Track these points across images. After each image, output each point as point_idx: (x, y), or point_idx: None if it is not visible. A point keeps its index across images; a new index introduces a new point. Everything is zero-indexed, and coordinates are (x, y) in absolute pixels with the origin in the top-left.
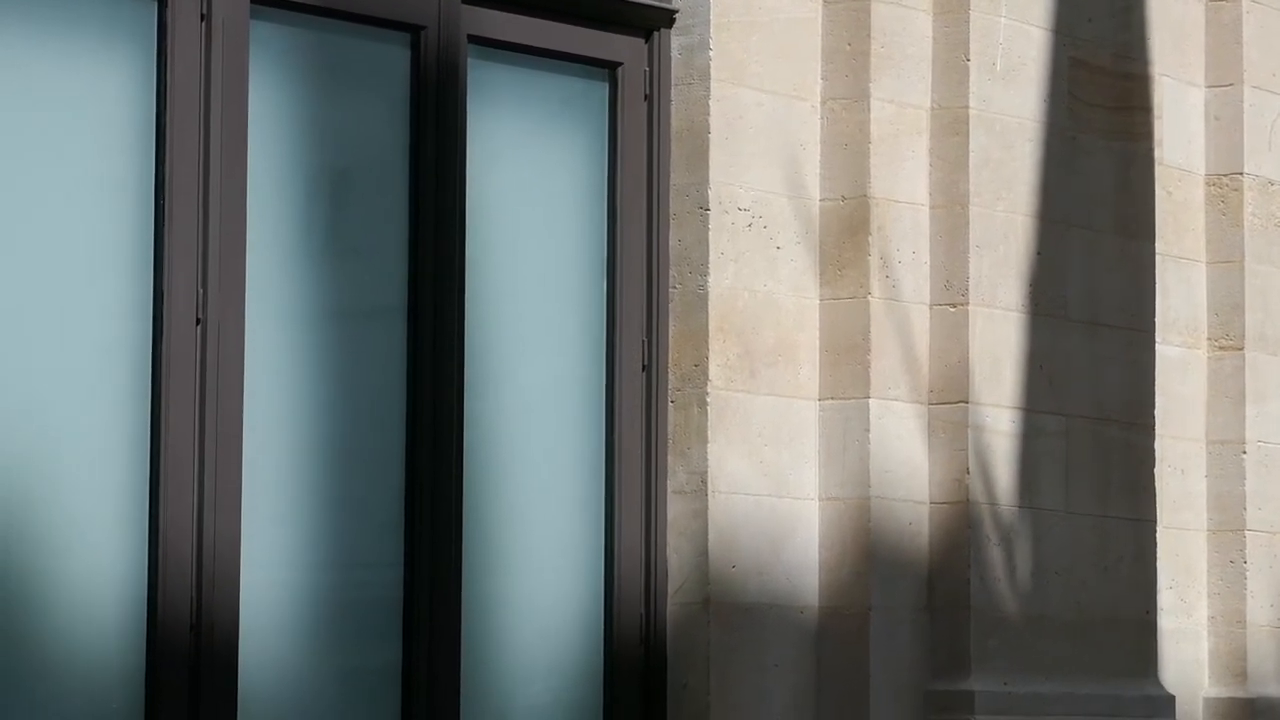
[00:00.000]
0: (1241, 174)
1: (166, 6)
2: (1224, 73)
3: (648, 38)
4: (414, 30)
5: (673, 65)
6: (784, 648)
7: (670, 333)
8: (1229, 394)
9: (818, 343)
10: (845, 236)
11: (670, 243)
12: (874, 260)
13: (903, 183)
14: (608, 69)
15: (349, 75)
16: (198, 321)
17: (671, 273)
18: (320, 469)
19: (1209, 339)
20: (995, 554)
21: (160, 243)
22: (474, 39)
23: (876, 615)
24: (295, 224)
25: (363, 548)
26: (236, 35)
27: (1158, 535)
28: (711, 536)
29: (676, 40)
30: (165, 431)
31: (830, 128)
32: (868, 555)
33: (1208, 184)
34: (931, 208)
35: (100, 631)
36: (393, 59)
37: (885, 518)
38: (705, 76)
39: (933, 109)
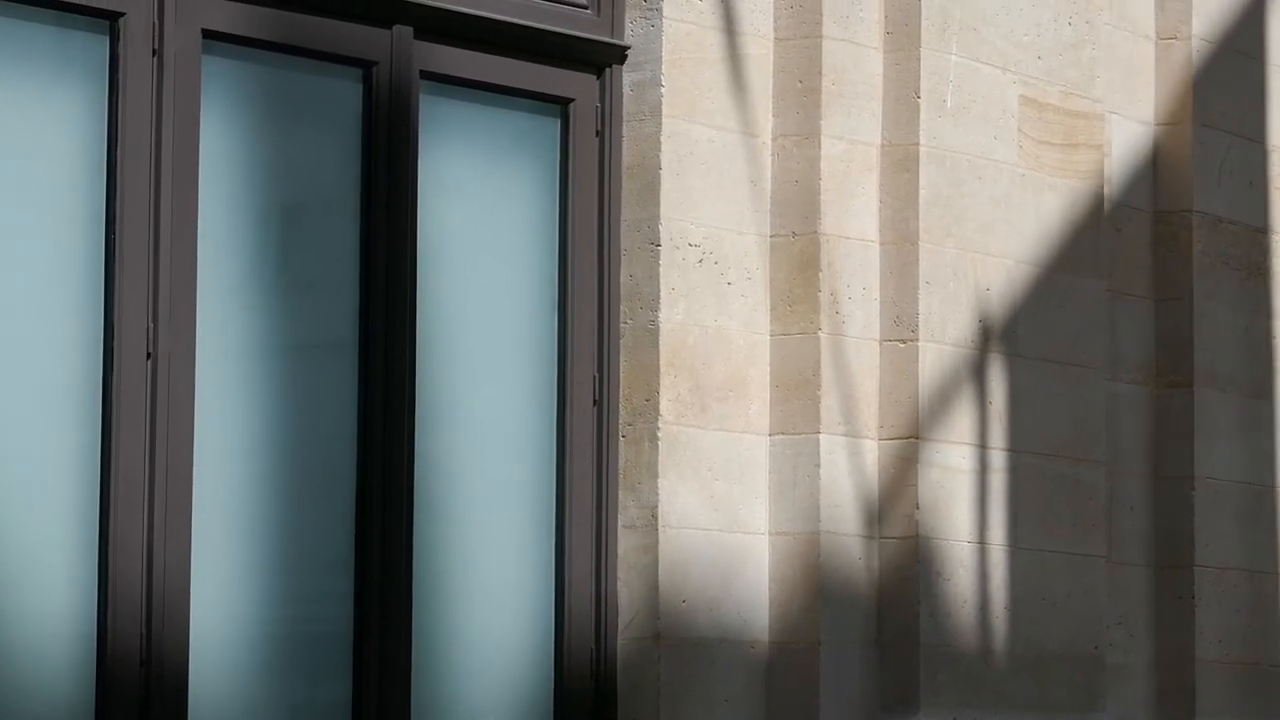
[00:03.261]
0: (1190, 211)
1: (118, 40)
2: (1173, 110)
3: (599, 74)
4: (366, 66)
5: (624, 101)
6: (734, 682)
7: (621, 368)
8: (1177, 431)
9: (768, 378)
10: (796, 272)
11: (621, 278)
12: (824, 296)
13: (853, 219)
14: (559, 105)
15: (301, 110)
16: (148, 355)
17: (622, 308)
18: (271, 503)
19: (1157, 375)
20: (944, 589)
21: (111, 276)
22: (426, 75)
23: (826, 650)
24: (246, 258)
25: (313, 582)
26: (188, 69)
27: (1106, 571)
28: (662, 571)
29: (628, 76)
30: (115, 465)
31: (781, 164)
32: (818, 590)
33: (1156, 221)
34: (881, 244)
35: (50, 666)
36: (345, 94)
37: (835, 553)
38: (657, 112)
39: (883, 146)
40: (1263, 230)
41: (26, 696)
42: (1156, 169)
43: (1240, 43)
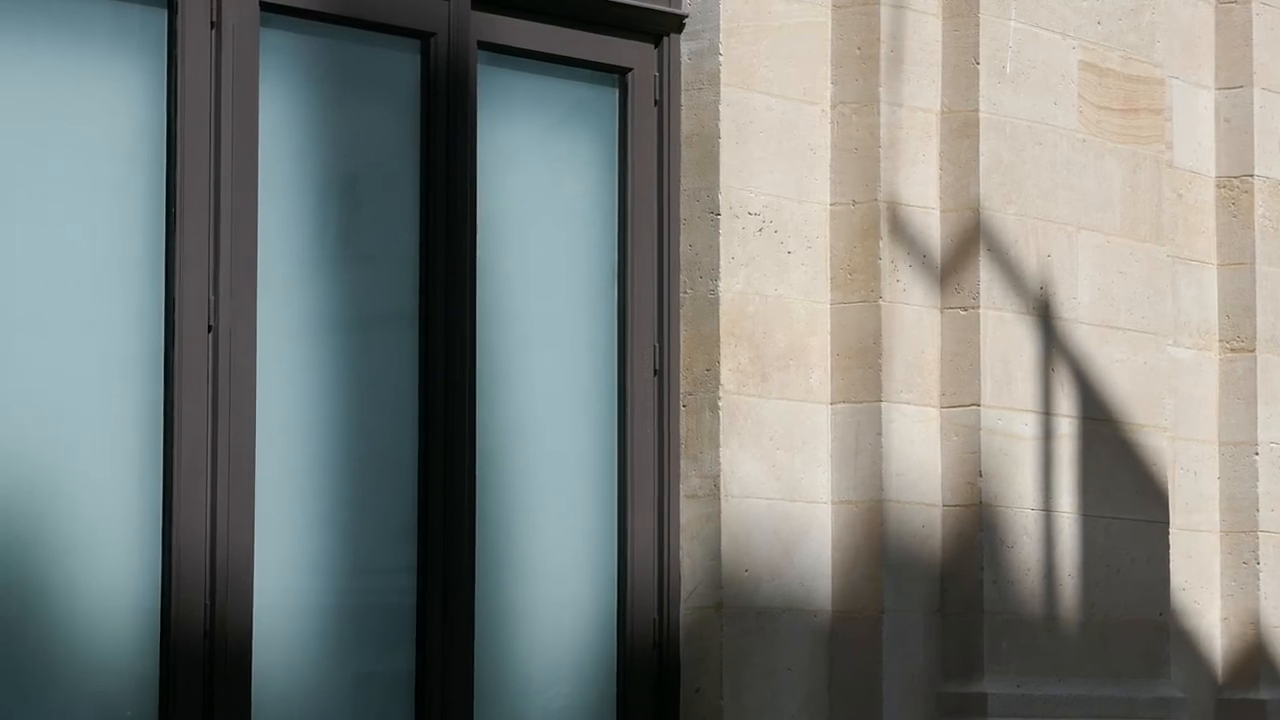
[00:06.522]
0: (1252, 176)
1: (176, 14)
2: (1234, 74)
3: (657, 43)
4: (424, 37)
5: (682, 70)
6: (796, 651)
7: (682, 337)
8: (1240, 396)
9: (829, 346)
10: (856, 240)
11: (681, 247)
12: (884, 264)
13: (913, 186)
14: (618, 74)
15: (359, 82)
16: (209, 329)
17: (682, 277)
18: (333, 475)
19: (1220, 341)
20: (1008, 556)
21: (171, 250)
22: (484, 45)
23: (889, 618)
24: (306, 231)
25: (376, 554)
26: (246, 42)
27: (1170, 537)
28: (724, 540)
29: (686, 45)
30: (178, 439)
31: (840, 131)
32: (880, 558)
33: (1218, 186)
34: (942, 211)
35: (115, 638)
36: (403, 65)
37: (897, 521)
38: (715, 81)
39: (942, 112)
40: None
41: (92, 669)
42: (1217, 133)
43: None
